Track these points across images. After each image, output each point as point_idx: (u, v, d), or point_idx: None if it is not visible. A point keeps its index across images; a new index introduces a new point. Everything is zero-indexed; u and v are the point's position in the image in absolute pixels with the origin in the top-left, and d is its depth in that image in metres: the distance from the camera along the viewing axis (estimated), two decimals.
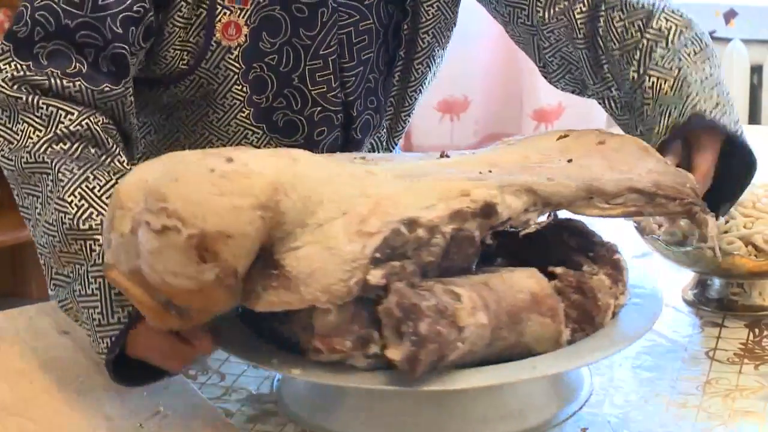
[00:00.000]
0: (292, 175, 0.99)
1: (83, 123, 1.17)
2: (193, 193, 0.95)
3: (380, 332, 0.99)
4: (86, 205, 1.12)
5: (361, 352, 0.99)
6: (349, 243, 0.98)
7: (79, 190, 1.13)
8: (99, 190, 1.13)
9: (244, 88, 1.30)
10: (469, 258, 1.05)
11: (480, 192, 1.03)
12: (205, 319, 1.01)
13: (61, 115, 1.17)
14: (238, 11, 1.27)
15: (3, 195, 2.72)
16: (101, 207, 1.12)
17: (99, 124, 1.18)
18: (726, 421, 1.08)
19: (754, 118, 3.31)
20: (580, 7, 1.34)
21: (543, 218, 1.13)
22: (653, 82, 1.26)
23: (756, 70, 3.28)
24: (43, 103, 1.18)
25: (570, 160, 1.12)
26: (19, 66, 1.19)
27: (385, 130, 1.43)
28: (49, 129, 1.16)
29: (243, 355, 1.06)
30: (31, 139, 1.16)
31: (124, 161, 1.19)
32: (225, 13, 1.26)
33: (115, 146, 1.19)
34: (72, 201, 1.12)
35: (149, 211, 0.96)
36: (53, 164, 1.15)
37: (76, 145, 1.16)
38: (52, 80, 1.19)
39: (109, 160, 1.17)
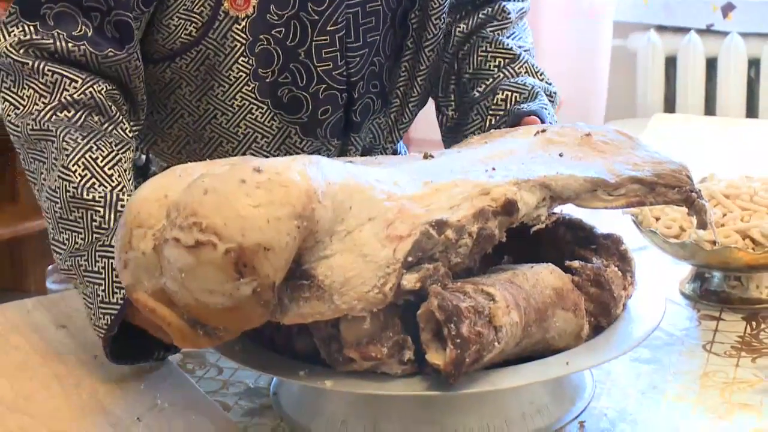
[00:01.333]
0: (324, 183, 0.96)
1: (87, 91, 1.20)
2: (227, 205, 0.91)
3: (412, 338, 0.98)
4: (89, 175, 1.15)
5: (396, 359, 0.98)
6: (382, 248, 0.96)
7: (83, 159, 1.16)
8: (102, 161, 1.16)
9: (250, 61, 1.30)
10: (477, 257, 1.05)
11: (499, 190, 1.03)
12: (233, 337, 0.98)
13: (65, 82, 1.20)
14: None
15: (2, 189, 2.72)
16: (104, 178, 1.15)
17: (103, 92, 1.21)
18: (723, 415, 1.08)
19: (751, 111, 3.31)
20: (463, 27, 1.42)
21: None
22: (507, 96, 1.34)
23: (753, 63, 3.28)
24: (48, 70, 1.20)
25: (561, 154, 1.12)
26: (26, 28, 1.20)
27: (391, 120, 1.43)
28: (53, 96, 1.19)
29: (265, 369, 1.04)
30: (37, 105, 1.19)
31: (126, 129, 1.21)
32: None
33: (118, 114, 1.22)
34: (76, 170, 1.15)
35: (178, 227, 0.92)
36: (58, 132, 1.17)
37: (79, 113, 1.19)
38: (58, 43, 1.20)
39: (111, 128, 1.20)
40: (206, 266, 0.91)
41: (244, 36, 1.28)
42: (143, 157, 1.44)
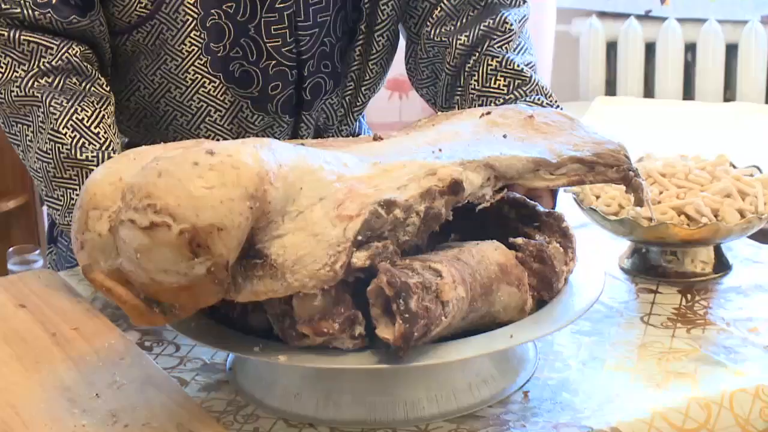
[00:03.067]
0: (276, 164, 0.96)
1: (63, 57, 1.26)
2: (181, 187, 0.91)
3: (363, 313, 0.98)
4: (78, 136, 1.23)
5: (347, 334, 0.98)
6: (332, 228, 0.96)
7: (71, 122, 1.23)
8: (88, 121, 1.24)
9: (202, 35, 1.30)
10: (424, 235, 1.05)
11: (446, 170, 1.03)
12: (188, 314, 0.98)
13: (41, 50, 1.25)
14: None
15: None
16: (92, 137, 1.23)
17: (77, 54, 1.27)
18: (660, 383, 1.09)
19: (688, 94, 3.34)
20: (464, 39, 1.39)
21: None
22: None
23: (690, 47, 3.31)
24: (24, 39, 1.25)
25: (505, 136, 1.12)
26: None
27: (345, 102, 1.42)
28: (32, 63, 1.25)
29: (221, 346, 1.03)
30: (17, 73, 1.25)
31: (103, 83, 1.28)
32: None
33: (93, 71, 1.28)
34: (66, 133, 1.23)
35: (133, 209, 0.91)
36: (43, 98, 1.25)
37: (59, 78, 1.26)
38: (26, 11, 1.25)
39: (89, 86, 1.27)
40: (161, 247, 0.90)
41: (196, 10, 1.28)
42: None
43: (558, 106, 1.38)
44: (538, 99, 1.37)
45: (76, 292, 1.29)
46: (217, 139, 1.36)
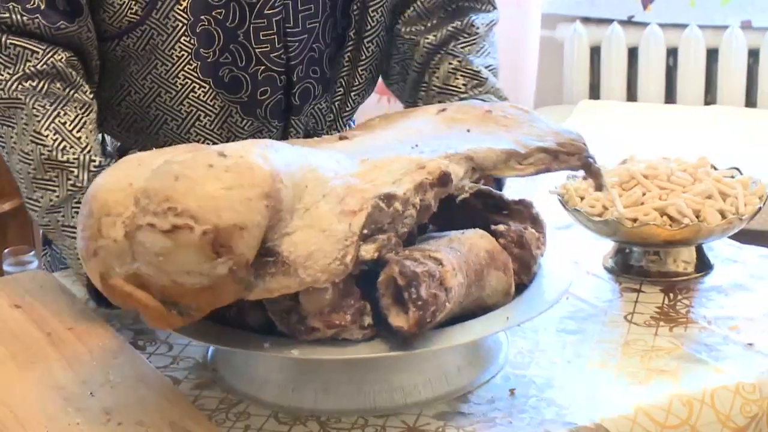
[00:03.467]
0: (283, 164, 0.97)
1: (48, 62, 1.26)
2: (200, 189, 0.92)
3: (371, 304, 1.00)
4: (60, 139, 1.23)
5: (357, 325, 1.00)
6: (338, 223, 0.98)
7: (53, 125, 1.23)
8: (70, 125, 1.24)
9: (192, 41, 1.30)
10: (415, 227, 1.08)
11: (434, 164, 1.06)
12: (203, 315, 0.98)
13: (27, 54, 1.25)
14: None
15: None
16: (73, 141, 1.23)
17: (63, 60, 1.26)
18: (642, 380, 1.10)
19: (669, 97, 3.36)
20: (432, 39, 1.42)
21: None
22: None
23: (671, 52, 3.33)
24: (10, 43, 1.25)
25: (468, 130, 1.15)
26: None
27: (335, 108, 1.43)
28: (18, 67, 1.25)
29: (230, 345, 1.03)
30: (2, 76, 1.25)
31: (87, 91, 1.28)
32: None
33: (78, 78, 1.28)
34: (48, 135, 1.23)
35: (152, 213, 0.92)
36: (27, 100, 1.24)
37: (43, 82, 1.25)
38: (14, 16, 1.25)
39: (74, 92, 1.27)
40: (184, 248, 0.91)
41: (186, 16, 1.29)
42: (100, 136, 1.44)
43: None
44: (489, 98, 1.39)
45: (70, 293, 1.30)
46: (207, 144, 1.37)
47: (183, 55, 1.31)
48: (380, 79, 1.52)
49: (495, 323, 1.05)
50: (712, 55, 3.29)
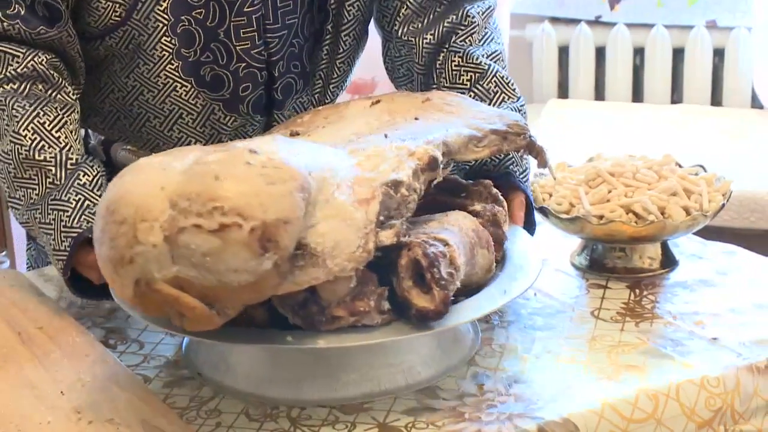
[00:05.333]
0: (308, 158, 0.98)
1: (29, 65, 1.25)
2: (244, 187, 0.92)
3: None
4: (38, 138, 1.22)
5: (377, 310, 1.00)
6: (356, 211, 0.98)
7: (32, 125, 1.22)
8: (49, 125, 1.23)
9: (173, 41, 1.29)
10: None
11: (421, 150, 1.07)
12: (236, 314, 0.96)
13: (8, 58, 1.24)
14: None
15: None
16: (52, 140, 1.22)
17: (44, 62, 1.25)
18: (610, 375, 1.10)
19: (636, 96, 3.37)
20: (430, 38, 1.39)
21: None
22: None
23: (638, 52, 3.34)
24: None
25: (417, 119, 1.15)
26: None
27: (315, 100, 1.43)
28: None
29: (255, 341, 1.01)
30: None
31: (69, 92, 1.27)
32: None
33: (60, 79, 1.27)
34: (26, 135, 1.22)
35: (196, 214, 0.91)
36: (7, 101, 1.23)
37: (24, 84, 1.24)
38: None
39: (55, 93, 1.26)
40: (233, 246, 0.91)
41: (166, 17, 1.28)
42: (82, 132, 1.42)
43: (519, 98, 1.39)
44: (493, 90, 1.36)
45: (40, 292, 1.28)
46: (190, 141, 1.36)
47: (164, 54, 1.30)
48: (354, 80, 1.51)
49: (496, 298, 1.06)
50: (678, 54, 3.30)
